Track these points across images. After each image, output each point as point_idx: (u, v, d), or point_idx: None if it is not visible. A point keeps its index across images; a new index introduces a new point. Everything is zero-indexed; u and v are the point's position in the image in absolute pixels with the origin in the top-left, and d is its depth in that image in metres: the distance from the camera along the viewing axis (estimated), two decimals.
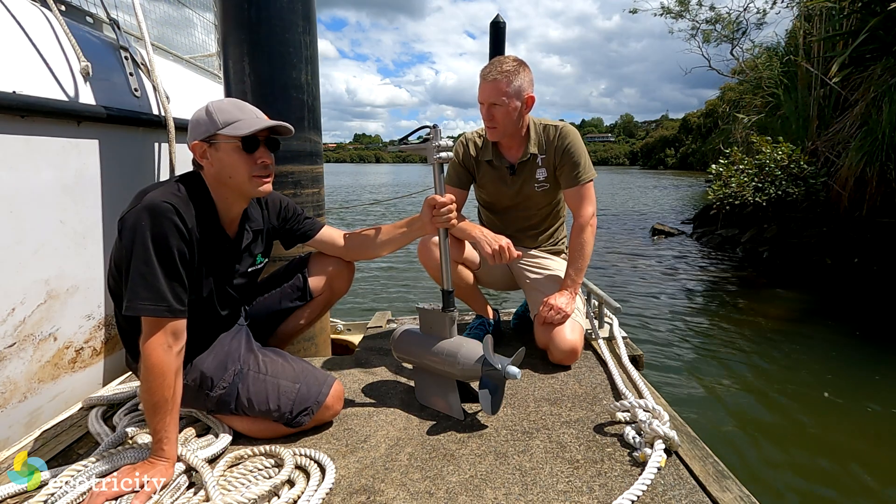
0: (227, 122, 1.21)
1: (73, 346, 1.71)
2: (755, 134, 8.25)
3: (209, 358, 1.35)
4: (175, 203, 1.15)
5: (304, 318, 1.70)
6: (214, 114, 1.22)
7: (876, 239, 5.98)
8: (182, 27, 3.01)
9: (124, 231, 1.14)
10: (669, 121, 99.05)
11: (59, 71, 1.64)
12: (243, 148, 1.22)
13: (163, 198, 1.15)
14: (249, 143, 1.23)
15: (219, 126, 1.21)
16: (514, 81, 1.71)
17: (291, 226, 1.58)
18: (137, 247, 1.11)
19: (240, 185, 1.26)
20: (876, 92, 6.19)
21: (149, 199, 1.14)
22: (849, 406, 2.98)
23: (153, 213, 1.12)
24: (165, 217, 1.13)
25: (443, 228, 1.50)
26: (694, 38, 16.70)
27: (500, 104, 1.72)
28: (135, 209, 1.14)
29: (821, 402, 3.04)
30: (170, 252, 1.13)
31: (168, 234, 1.13)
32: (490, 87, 1.72)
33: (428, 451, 1.30)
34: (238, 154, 1.23)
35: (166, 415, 1.12)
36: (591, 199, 1.87)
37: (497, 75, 1.70)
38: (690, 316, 4.77)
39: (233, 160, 1.23)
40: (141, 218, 1.12)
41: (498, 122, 1.76)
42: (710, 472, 1.17)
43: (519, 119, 1.79)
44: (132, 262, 1.11)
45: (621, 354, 1.82)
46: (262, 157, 1.25)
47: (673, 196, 20.59)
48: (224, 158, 1.23)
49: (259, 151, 1.25)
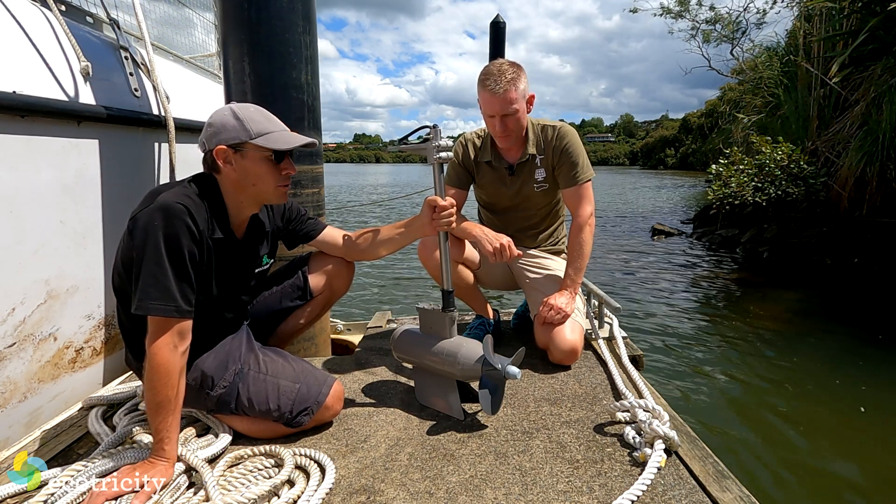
0: (259, 132, 1.23)
1: (73, 346, 1.71)
2: (755, 134, 8.25)
3: (210, 357, 1.35)
4: (188, 205, 1.17)
5: (304, 318, 1.71)
6: (246, 122, 1.23)
7: (876, 239, 5.99)
8: (182, 27, 3.01)
9: (136, 230, 1.14)
10: (669, 121, 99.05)
11: (60, 71, 1.64)
12: (274, 159, 1.26)
13: (176, 199, 1.16)
14: (279, 155, 1.27)
15: (251, 135, 1.23)
16: (520, 85, 1.71)
17: (295, 226, 1.60)
18: (149, 246, 1.12)
19: (263, 194, 1.30)
20: (876, 92, 6.19)
21: (162, 200, 1.15)
22: (848, 406, 2.98)
23: (166, 214, 1.13)
24: (178, 218, 1.14)
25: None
26: (694, 38, 16.70)
27: (511, 113, 1.72)
28: (148, 209, 1.15)
29: (820, 403, 3.04)
30: (181, 253, 1.14)
31: (180, 234, 1.14)
32: (501, 99, 1.68)
33: (428, 451, 1.30)
34: (267, 165, 1.26)
35: (168, 415, 1.12)
36: (589, 198, 1.87)
37: (506, 86, 1.67)
38: (690, 316, 4.77)
39: (261, 170, 1.26)
40: (154, 218, 1.13)
41: (512, 130, 1.76)
42: (710, 472, 1.17)
43: (526, 120, 1.81)
44: (143, 262, 1.12)
45: (621, 354, 1.83)
46: (289, 168, 1.31)
47: (673, 196, 20.59)
48: (250, 167, 1.26)
49: (285, 162, 1.30)
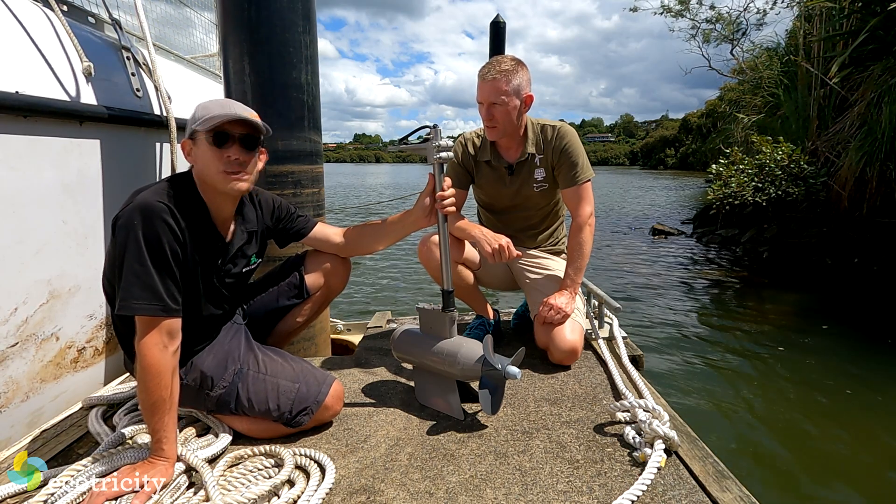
0: (202, 117, 1.20)
1: (74, 346, 1.71)
2: (755, 134, 8.25)
3: (209, 357, 1.35)
4: (167, 202, 1.16)
5: (301, 316, 1.70)
6: (197, 111, 1.23)
7: (876, 239, 5.99)
8: (182, 27, 3.01)
9: (117, 230, 1.14)
10: (669, 121, 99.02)
11: (62, 71, 1.64)
12: (213, 142, 1.21)
13: (155, 197, 1.16)
14: (220, 138, 1.21)
15: (197, 122, 1.21)
16: (513, 80, 1.72)
17: (285, 225, 1.58)
18: (130, 245, 1.11)
19: (212, 181, 1.24)
20: (876, 92, 6.18)
21: (141, 199, 1.15)
22: (848, 406, 2.98)
23: (145, 213, 1.13)
24: (158, 216, 1.13)
25: (442, 226, 1.51)
26: (694, 38, 16.66)
27: (499, 103, 1.73)
28: (127, 209, 1.14)
29: (820, 403, 3.04)
30: (162, 251, 1.14)
31: (160, 233, 1.13)
32: (489, 86, 1.72)
33: (428, 451, 1.30)
34: (209, 148, 1.21)
35: (164, 414, 1.12)
36: (588, 198, 1.87)
37: (496, 74, 1.71)
38: (690, 316, 4.77)
39: (206, 155, 1.22)
40: (133, 217, 1.12)
41: (498, 121, 1.76)
42: (710, 472, 1.17)
43: (518, 118, 1.80)
44: (125, 261, 1.12)
45: (621, 354, 1.83)
46: (233, 153, 1.22)
47: (673, 196, 20.59)
48: (199, 154, 1.23)
49: (231, 148, 1.22)
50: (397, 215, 1.61)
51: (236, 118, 1.20)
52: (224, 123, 1.20)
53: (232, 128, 1.22)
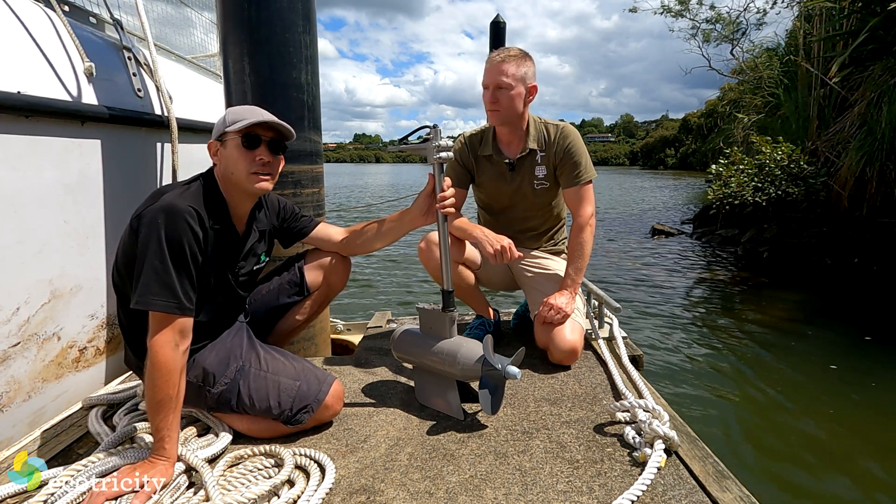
0: (233, 121, 1.29)
1: (76, 346, 1.71)
2: (755, 134, 8.24)
3: (211, 354, 1.36)
4: (193, 204, 1.21)
5: (301, 314, 1.72)
6: (227, 115, 1.32)
7: (876, 239, 5.98)
8: (182, 27, 3.01)
9: (140, 227, 1.17)
10: (669, 121, 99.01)
11: (63, 71, 1.64)
12: (244, 144, 1.29)
13: (181, 199, 1.21)
14: (251, 141, 1.30)
15: (227, 124, 1.29)
16: (521, 67, 1.76)
17: (289, 224, 1.63)
18: (153, 243, 1.15)
19: (240, 181, 1.31)
20: (876, 92, 6.18)
21: (167, 200, 1.19)
22: (848, 406, 2.98)
23: (170, 214, 1.17)
24: (182, 218, 1.18)
25: (442, 226, 1.51)
26: (694, 37, 16.63)
27: (505, 87, 1.75)
28: (153, 207, 1.18)
29: (820, 403, 3.04)
30: (183, 252, 1.17)
31: (182, 235, 1.17)
32: (496, 68, 1.75)
33: (428, 451, 1.30)
34: (239, 150, 1.29)
35: (169, 413, 1.13)
36: (590, 199, 1.87)
37: (504, 58, 1.75)
38: (690, 316, 4.78)
39: (235, 156, 1.30)
40: (157, 216, 1.16)
41: (501, 105, 1.78)
42: (710, 472, 1.17)
43: (521, 106, 1.81)
44: (146, 258, 1.14)
45: (621, 354, 1.83)
46: (262, 154, 1.31)
47: (673, 196, 20.58)
48: (228, 155, 1.31)
49: (260, 150, 1.31)
50: (395, 214, 1.64)
51: (267, 122, 1.29)
52: (255, 126, 1.29)
53: (261, 131, 1.31)
